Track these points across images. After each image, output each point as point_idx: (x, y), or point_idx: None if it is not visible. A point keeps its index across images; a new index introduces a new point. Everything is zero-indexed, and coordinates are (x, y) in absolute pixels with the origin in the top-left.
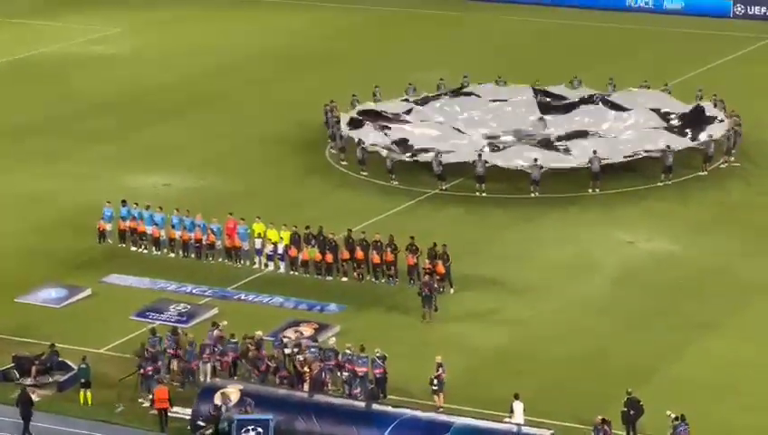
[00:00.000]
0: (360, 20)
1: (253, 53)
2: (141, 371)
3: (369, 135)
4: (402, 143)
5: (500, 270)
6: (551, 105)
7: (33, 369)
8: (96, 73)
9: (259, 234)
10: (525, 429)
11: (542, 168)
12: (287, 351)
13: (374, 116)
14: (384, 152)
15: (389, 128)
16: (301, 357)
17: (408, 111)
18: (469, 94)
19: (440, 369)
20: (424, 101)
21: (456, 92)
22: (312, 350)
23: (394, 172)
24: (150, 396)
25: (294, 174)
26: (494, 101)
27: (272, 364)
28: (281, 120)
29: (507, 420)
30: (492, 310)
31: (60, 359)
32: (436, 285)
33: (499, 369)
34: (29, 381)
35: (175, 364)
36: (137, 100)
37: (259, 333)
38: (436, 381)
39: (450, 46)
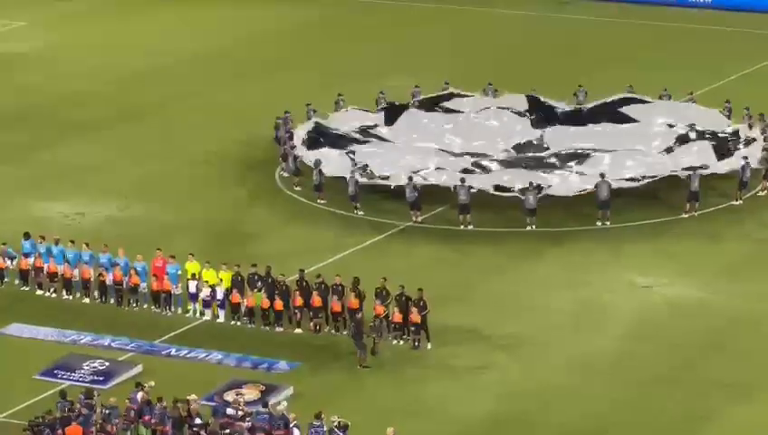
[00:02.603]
0: (317, 15)
1: (185, 57)
2: None
3: (329, 156)
4: (367, 167)
5: (487, 320)
6: (550, 118)
7: None
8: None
9: (193, 274)
10: None
11: (539, 194)
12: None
13: (333, 137)
14: (347, 175)
15: (353, 149)
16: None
17: (374, 126)
18: (449, 104)
19: None
20: (396, 113)
21: (436, 103)
22: (262, 417)
23: (358, 200)
24: None
25: (237, 202)
26: (482, 111)
27: None
28: (221, 136)
29: None
30: (476, 369)
31: None
32: (376, 324)
33: None
34: None
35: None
36: (45, 110)
37: (193, 396)
38: None
39: (428, 46)
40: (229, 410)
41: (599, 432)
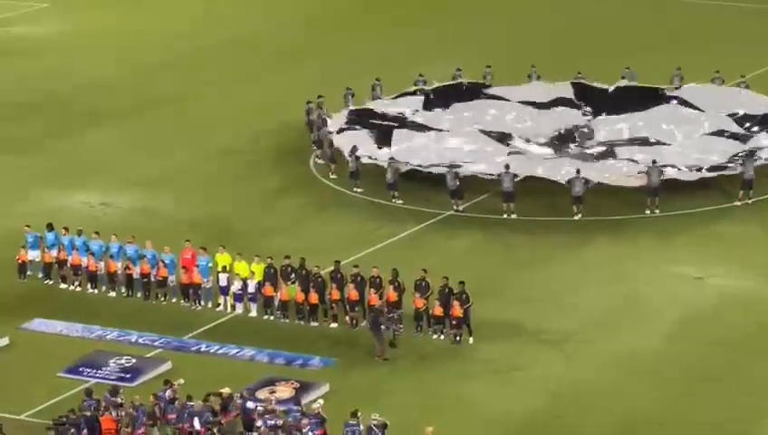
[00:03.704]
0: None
1: (212, 43)
2: None
3: (366, 142)
4: (404, 155)
5: (530, 314)
6: (596, 104)
7: None
8: (12, 63)
9: (224, 267)
10: None
11: (586, 182)
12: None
13: (371, 117)
14: (385, 162)
15: (390, 134)
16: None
17: (414, 112)
18: (493, 90)
19: None
20: (437, 99)
21: (477, 89)
22: (295, 416)
23: (397, 188)
24: None
25: (269, 191)
26: (525, 102)
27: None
28: (251, 124)
29: None
30: (518, 365)
31: None
32: (396, 315)
33: None
34: None
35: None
36: (66, 99)
37: (227, 390)
38: None
39: (468, 29)
40: (250, 404)
41: (652, 428)
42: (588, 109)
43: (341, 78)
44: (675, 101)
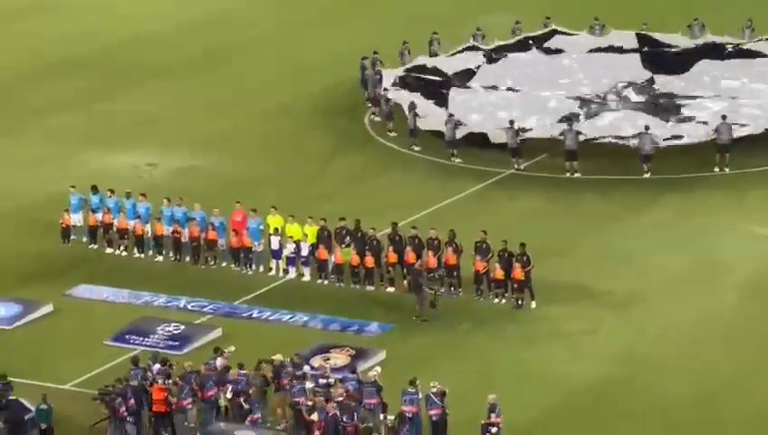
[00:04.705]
0: None
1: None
2: (113, 412)
3: (423, 100)
4: (464, 113)
5: (595, 277)
6: (664, 57)
7: None
8: (55, 20)
9: (276, 229)
10: None
11: (653, 139)
12: (308, 386)
13: (428, 74)
14: (444, 119)
15: (448, 91)
16: (308, 400)
17: (477, 68)
18: (552, 43)
19: (493, 413)
20: (496, 54)
21: (539, 41)
22: (351, 383)
23: (456, 146)
24: None
25: (322, 151)
26: (588, 54)
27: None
28: (304, 82)
29: None
30: (583, 330)
31: (12, 397)
32: (437, 275)
33: (591, 411)
34: None
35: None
36: (109, 56)
37: (279, 356)
38: (494, 430)
39: None
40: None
41: (714, 400)
42: (654, 61)
43: (397, 33)
44: (745, 54)
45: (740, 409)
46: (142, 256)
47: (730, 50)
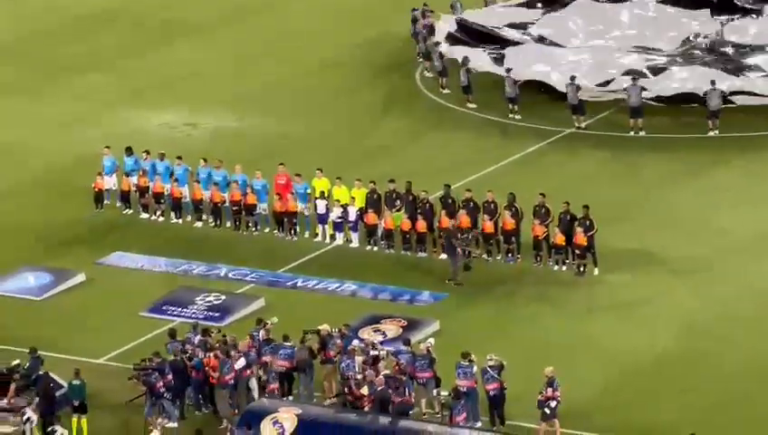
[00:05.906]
0: None
1: None
2: (150, 388)
3: (477, 55)
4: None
5: (660, 242)
6: (733, 5)
7: (12, 387)
8: None
9: (322, 193)
10: None
11: (723, 95)
12: (358, 360)
13: (483, 27)
14: (503, 73)
15: (504, 45)
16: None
17: (529, 23)
18: None
19: (550, 387)
20: (551, 8)
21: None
22: (404, 356)
23: (516, 102)
24: (166, 422)
25: (370, 109)
26: (659, 2)
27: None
28: (351, 34)
29: None
30: (647, 299)
31: (44, 372)
32: (470, 236)
33: (654, 384)
34: (3, 403)
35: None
36: (141, 9)
37: (326, 327)
38: (553, 404)
39: None
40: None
41: None
42: (718, 13)
43: None
44: None
45: None
46: (180, 221)
47: None
